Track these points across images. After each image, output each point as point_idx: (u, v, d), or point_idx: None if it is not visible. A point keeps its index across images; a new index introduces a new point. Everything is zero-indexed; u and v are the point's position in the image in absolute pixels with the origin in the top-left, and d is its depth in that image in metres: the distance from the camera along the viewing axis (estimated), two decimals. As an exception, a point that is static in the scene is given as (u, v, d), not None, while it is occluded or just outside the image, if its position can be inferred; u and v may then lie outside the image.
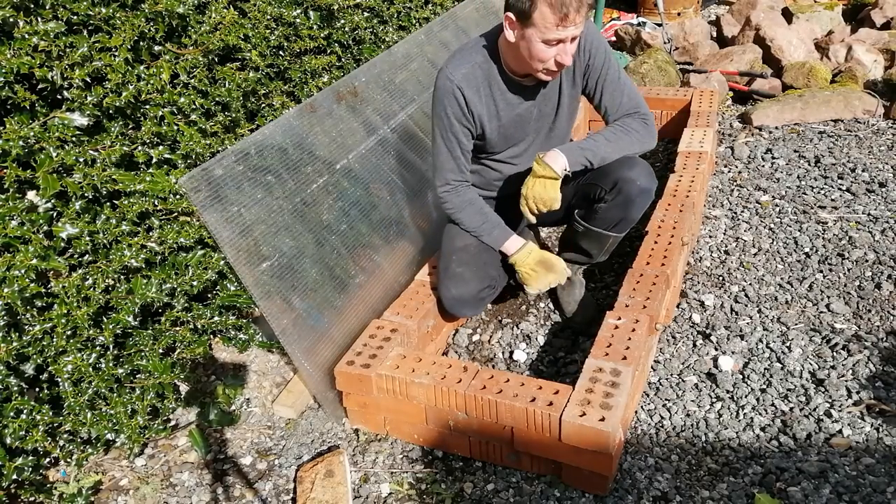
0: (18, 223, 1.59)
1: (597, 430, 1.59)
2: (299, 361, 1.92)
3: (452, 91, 1.96)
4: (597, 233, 2.12)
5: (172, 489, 1.88)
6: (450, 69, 1.98)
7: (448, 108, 1.99)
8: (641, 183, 1.99)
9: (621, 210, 2.03)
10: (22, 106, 1.61)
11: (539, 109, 2.09)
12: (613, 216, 2.06)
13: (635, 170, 1.99)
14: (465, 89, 1.96)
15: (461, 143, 2.05)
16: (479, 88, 1.99)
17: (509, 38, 1.86)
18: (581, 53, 1.99)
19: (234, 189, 1.83)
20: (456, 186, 2.10)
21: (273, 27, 2.25)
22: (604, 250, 2.19)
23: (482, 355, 2.28)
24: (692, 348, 2.18)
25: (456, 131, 2.02)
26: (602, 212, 2.06)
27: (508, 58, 1.96)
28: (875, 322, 2.21)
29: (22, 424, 1.63)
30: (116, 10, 1.74)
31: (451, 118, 2.00)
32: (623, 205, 2.02)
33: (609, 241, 2.14)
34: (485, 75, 1.99)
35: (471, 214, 2.11)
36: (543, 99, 2.07)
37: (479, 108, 2.00)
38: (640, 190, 2.00)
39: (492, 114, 2.03)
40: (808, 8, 4.62)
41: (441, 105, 1.99)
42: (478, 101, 1.99)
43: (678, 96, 3.43)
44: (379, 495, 1.81)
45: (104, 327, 1.76)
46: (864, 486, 1.68)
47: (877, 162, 3.12)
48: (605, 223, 2.08)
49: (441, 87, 1.99)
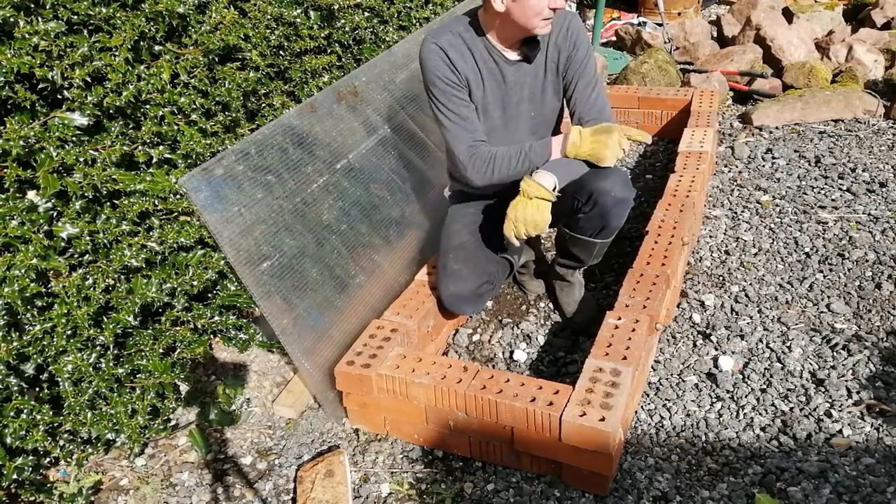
0: (19, 223, 1.59)
1: (597, 429, 1.59)
2: (299, 361, 1.92)
3: (437, 52, 1.96)
4: (583, 240, 2.12)
5: (172, 489, 1.88)
6: (432, 35, 2.00)
7: (438, 70, 1.97)
8: (616, 193, 1.97)
9: (600, 220, 2.03)
10: (22, 106, 1.61)
11: (521, 94, 2.09)
12: (594, 225, 2.05)
13: (610, 180, 1.97)
14: (449, 51, 1.97)
15: (463, 102, 2.00)
16: (463, 54, 1.99)
17: (498, 8, 1.88)
18: (567, 41, 2.04)
19: (235, 189, 1.83)
20: (474, 146, 2.01)
21: (273, 27, 2.25)
22: (593, 255, 2.19)
23: (482, 355, 2.28)
24: (692, 348, 2.18)
25: (452, 91, 1.99)
26: (582, 222, 2.06)
27: (496, 29, 1.97)
28: (875, 322, 2.21)
29: (22, 424, 1.63)
30: (117, 10, 1.74)
31: (443, 79, 1.98)
32: (600, 216, 2.01)
33: (596, 246, 2.14)
34: (467, 45, 2.00)
35: (501, 159, 1.99)
36: (526, 79, 2.08)
37: (465, 69, 2.00)
38: (616, 201, 1.98)
39: (477, 81, 2.03)
40: (808, 8, 4.62)
41: (430, 71, 1.98)
42: (463, 64, 1.99)
43: (678, 96, 3.43)
44: (379, 495, 1.81)
45: (104, 327, 1.76)
46: (865, 487, 1.68)
47: (877, 162, 3.12)
48: (588, 232, 2.08)
49: (426, 51, 1.98)
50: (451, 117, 2.00)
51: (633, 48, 4.67)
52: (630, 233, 2.75)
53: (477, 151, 2.01)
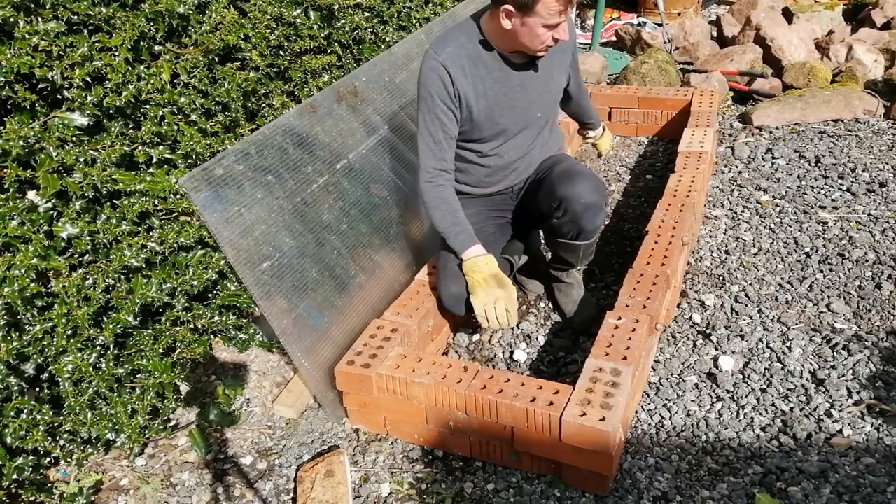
0: (19, 223, 1.58)
1: (597, 429, 1.59)
2: (299, 361, 1.92)
3: (437, 69, 1.96)
4: (564, 243, 2.13)
5: (173, 489, 1.88)
6: (435, 49, 1.98)
7: (433, 87, 1.97)
8: (585, 199, 1.98)
9: (574, 225, 2.04)
10: (22, 106, 1.61)
11: (527, 96, 2.08)
12: (570, 230, 2.06)
13: (578, 186, 1.98)
14: (451, 67, 1.96)
15: (444, 126, 2.01)
16: (465, 67, 1.98)
17: (505, 26, 1.87)
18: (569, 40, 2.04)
19: (235, 189, 1.83)
20: (435, 177, 2.04)
21: (273, 27, 2.25)
22: (581, 256, 2.19)
23: (482, 355, 2.28)
24: (692, 348, 2.18)
25: (440, 112, 1.99)
26: (558, 227, 2.08)
27: (500, 39, 1.97)
28: (875, 322, 2.21)
29: (22, 424, 1.63)
30: (117, 10, 1.74)
31: (436, 98, 1.98)
32: (573, 221, 2.02)
33: (580, 249, 2.14)
34: (469, 55, 1.99)
35: (444, 214, 2.04)
36: (532, 81, 2.07)
37: (465, 86, 1.99)
38: (585, 206, 1.99)
39: (479, 93, 2.02)
40: (808, 8, 4.62)
41: (426, 86, 1.98)
42: (463, 80, 1.98)
43: (678, 96, 3.43)
44: (379, 495, 1.81)
45: (104, 327, 1.76)
46: (865, 486, 1.68)
47: (877, 162, 3.12)
48: (567, 235, 2.09)
49: (426, 67, 1.98)
50: (426, 136, 2.02)
51: (633, 48, 4.67)
52: (630, 233, 2.75)
53: (433, 183, 2.05)
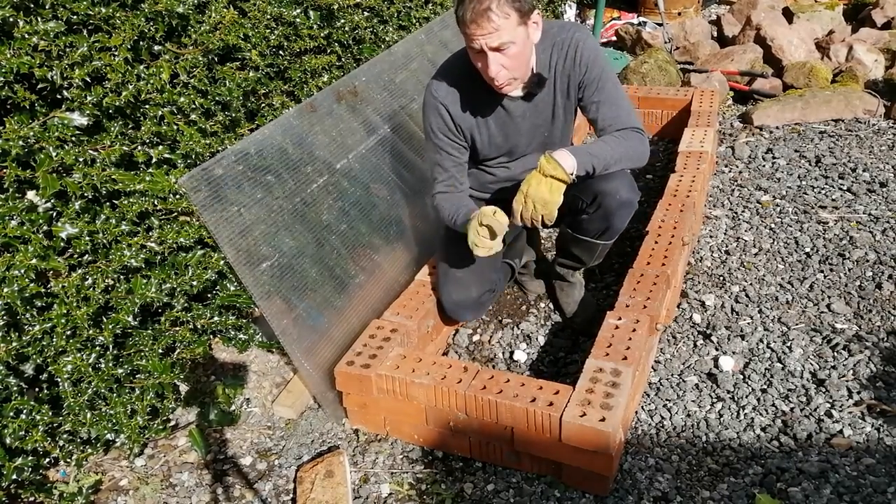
0: (18, 223, 1.58)
1: (597, 430, 1.58)
2: (299, 361, 1.92)
3: (436, 107, 1.97)
4: (585, 241, 2.11)
5: (172, 489, 1.88)
6: (433, 86, 1.98)
7: (434, 123, 2.00)
8: (622, 196, 1.96)
9: (603, 221, 2.02)
10: (22, 106, 1.61)
11: (531, 122, 2.04)
12: (597, 227, 2.05)
13: (615, 182, 1.95)
14: (450, 105, 1.96)
15: (451, 156, 2.04)
16: (462, 103, 1.97)
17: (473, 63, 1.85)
18: (576, 66, 1.93)
19: (234, 189, 1.83)
20: (448, 188, 2.07)
21: (273, 27, 2.25)
22: (595, 256, 2.18)
23: (482, 355, 2.28)
24: (693, 348, 2.18)
25: (444, 145, 2.02)
26: (586, 223, 2.05)
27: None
28: (876, 322, 2.20)
29: (22, 424, 1.63)
30: (116, 10, 1.74)
31: (438, 133, 2.01)
32: (604, 217, 2.00)
33: (598, 248, 2.13)
34: (466, 89, 1.96)
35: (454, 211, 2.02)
36: (535, 110, 2.02)
37: (465, 121, 1.99)
38: (620, 203, 1.97)
39: (480, 125, 2.01)
40: (808, 7, 4.62)
41: (428, 122, 2.01)
42: (462, 116, 1.98)
43: (679, 96, 3.43)
44: (379, 495, 1.81)
45: (104, 327, 1.76)
46: (865, 487, 1.68)
47: (877, 162, 3.11)
48: (591, 233, 2.08)
49: (427, 103, 2.00)
50: (436, 166, 2.06)
51: (633, 48, 4.67)
52: (630, 233, 2.75)
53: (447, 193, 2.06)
